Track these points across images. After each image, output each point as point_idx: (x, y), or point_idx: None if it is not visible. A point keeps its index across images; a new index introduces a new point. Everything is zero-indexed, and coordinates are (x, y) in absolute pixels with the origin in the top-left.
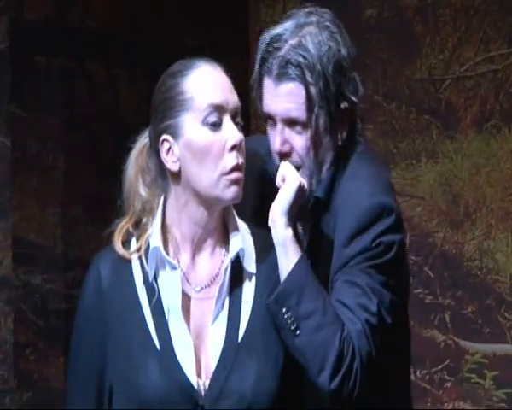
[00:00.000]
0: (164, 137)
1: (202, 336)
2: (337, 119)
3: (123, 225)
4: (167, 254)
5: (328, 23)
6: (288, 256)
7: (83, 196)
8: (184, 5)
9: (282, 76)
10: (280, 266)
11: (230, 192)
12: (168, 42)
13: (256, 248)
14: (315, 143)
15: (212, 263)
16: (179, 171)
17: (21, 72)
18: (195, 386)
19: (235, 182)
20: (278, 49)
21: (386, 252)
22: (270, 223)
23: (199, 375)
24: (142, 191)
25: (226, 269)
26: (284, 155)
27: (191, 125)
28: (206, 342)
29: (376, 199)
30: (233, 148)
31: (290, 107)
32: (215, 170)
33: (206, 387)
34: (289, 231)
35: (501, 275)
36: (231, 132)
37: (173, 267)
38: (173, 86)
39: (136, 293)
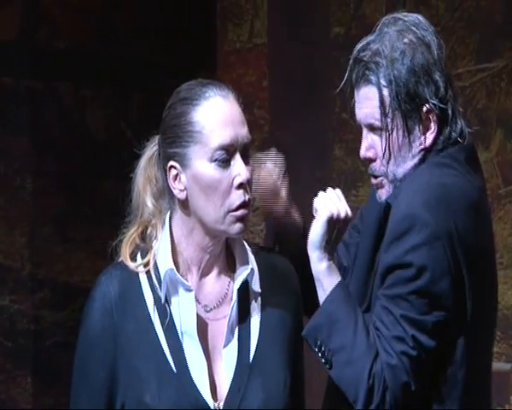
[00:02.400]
0: (172, 163)
1: (215, 356)
2: (416, 121)
3: (131, 235)
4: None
5: (412, 27)
6: (322, 289)
7: (51, 217)
8: (152, 24)
9: (360, 81)
10: (319, 299)
11: (236, 228)
12: (136, 61)
13: (259, 268)
14: (393, 147)
15: (220, 284)
16: (186, 199)
17: None
18: (212, 408)
19: (240, 219)
20: (364, 57)
21: (420, 274)
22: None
23: (214, 397)
24: (149, 203)
25: (237, 290)
26: (369, 161)
27: (199, 160)
28: (218, 363)
29: (412, 210)
30: (240, 186)
31: (368, 111)
32: (221, 206)
33: (221, 408)
34: (322, 265)
35: None
36: (239, 170)
37: (188, 290)
38: (183, 114)
39: (149, 314)
